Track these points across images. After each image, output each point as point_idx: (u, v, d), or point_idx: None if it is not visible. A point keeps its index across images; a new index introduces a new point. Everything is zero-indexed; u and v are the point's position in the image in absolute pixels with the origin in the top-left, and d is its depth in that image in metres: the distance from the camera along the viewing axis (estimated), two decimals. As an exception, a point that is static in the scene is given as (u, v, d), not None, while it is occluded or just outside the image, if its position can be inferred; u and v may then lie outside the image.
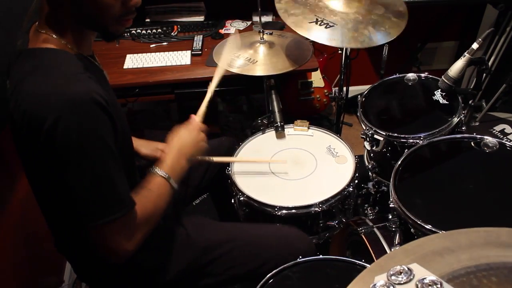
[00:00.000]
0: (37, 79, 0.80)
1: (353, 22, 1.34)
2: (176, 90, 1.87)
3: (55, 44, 0.86)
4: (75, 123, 0.78)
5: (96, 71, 0.96)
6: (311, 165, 1.42)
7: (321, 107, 2.48)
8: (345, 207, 1.38)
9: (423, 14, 2.38)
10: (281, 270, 1.05)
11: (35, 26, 0.89)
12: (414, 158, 1.22)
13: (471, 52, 1.34)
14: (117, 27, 0.90)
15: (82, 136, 0.79)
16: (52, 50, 0.86)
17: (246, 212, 1.36)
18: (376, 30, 1.33)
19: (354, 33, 1.31)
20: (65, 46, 0.87)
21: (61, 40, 0.87)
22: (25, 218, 1.47)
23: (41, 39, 0.86)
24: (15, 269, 1.38)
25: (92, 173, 0.82)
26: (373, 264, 0.45)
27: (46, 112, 0.77)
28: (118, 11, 0.87)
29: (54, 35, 0.86)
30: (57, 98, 0.77)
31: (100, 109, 0.81)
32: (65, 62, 0.85)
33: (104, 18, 0.86)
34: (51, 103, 0.77)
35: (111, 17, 0.87)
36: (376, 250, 1.23)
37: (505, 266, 0.41)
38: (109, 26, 0.89)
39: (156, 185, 1.00)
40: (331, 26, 1.31)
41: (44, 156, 0.81)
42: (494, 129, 1.90)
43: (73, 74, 0.83)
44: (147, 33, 2.09)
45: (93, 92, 0.81)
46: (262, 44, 1.56)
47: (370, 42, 1.30)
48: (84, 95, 0.79)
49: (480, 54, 2.03)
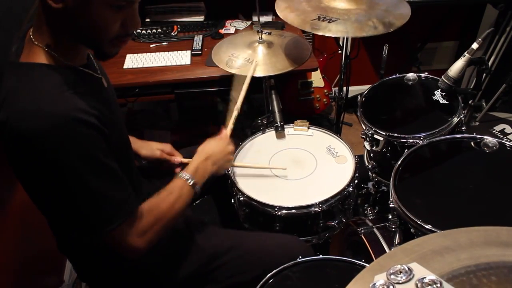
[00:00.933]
0: (22, 97, 0.80)
1: (356, 16, 1.34)
2: (176, 90, 1.87)
3: (45, 59, 0.84)
4: (59, 145, 0.78)
5: (90, 82, 0.94)
6: (311, 165, 1.42)
7: (321, 107, 2.48)
8: (345, 207, 1.38)
9: (423, 14, 2.38)
10: (281, 270, 1.05)
11: (30, 33, 0.87)
12: (414, 158, 1.22)
13: (471, 52, 1.34)
14: (112, 48, 0.89)
15: (68, 157, 0.79)
16: (40, 66, 0.84)
17: (246, 212, 1.36)
18: (380, 21, 1.33)
19: (358, 25, 1.32)
20: (57, 60, 0.85)
21: (52, 52, 0.85)
22: (25, 218, 1.47)
23: (32, 51, 0.85)
24: (15, 269, 1.38)
25: (84, 190, 0.84)
26: (372, 263, 0.45)
27: (30, 133, 0.77)
28: (115, 33, 0.85)
29: (46, 47, 0.84)
30: (40, 118, 0.77)
31: (86, 126, 0.81)
32: (52, 80, 0.83)
33: (100, 39, 0.85)
34: (35, 124, 0.77)
35: (107, 38, 0.85)
36: (376, 250, 1.23)
37: (505, 265, 0.41)
38: (104, 46, 0.87)
39: (177, 187, 1.05)
40: (334, 20, 1.32)
41: (36, 174, 0.82)
42: (494, 129, 1.90)
43: (59, 92, 0.81)
44: (147, 33, 2.10)
45: (77, 110, 0.80)
46: (261, 44, 1.56)
47: (375, 30, 1.30)
48: (67, 115, 0.78)
49: (480, 54, 2.03)
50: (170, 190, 1.03)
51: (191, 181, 1.07)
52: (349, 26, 1.31)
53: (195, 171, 1.10)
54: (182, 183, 1.06)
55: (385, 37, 1.33)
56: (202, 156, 1.15)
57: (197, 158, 1.14)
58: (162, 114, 2.69)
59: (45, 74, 0.83)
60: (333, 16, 1.34)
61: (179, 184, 1.06)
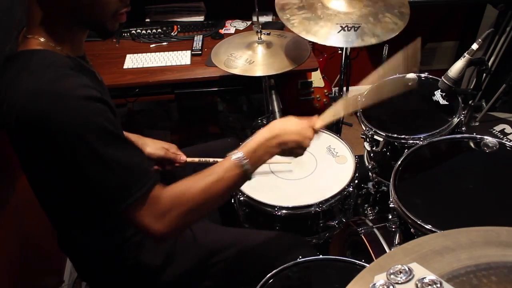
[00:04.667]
0: (25, 80, 0.79)
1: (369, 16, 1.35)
2: (176, 90, 1.87)
3: (43, 46, 0.85)
4: (67, 120, 0.76)
5: (87, 72, 0.94)
6: (311, 165, 1.42)
7: (321, 107, 2.48)
8: (345, 207, 1.38)
9: (423, 14, 2.38)
10: (281, 270, 1.05)
11: (23, 32, 0.88)
12: (414, 158, 1.22)
13: (471, 53, 1.34)
14: (114, 23, 0.89)
15: (77, 131, 0.77)
16: (40, 50, 0.84)
17: (246, 212, 1.36)
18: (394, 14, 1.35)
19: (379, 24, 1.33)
20: (54, 48, 0.86)
21: (49, 43, 0.85)
22: (25, 218, 1.47)
23: (29, 43, 0.85)
24: (15, 269, 1.38)
25: (98, 162, 0.79)
26: (372, 263, 0.45)
27: (37, 112, 0.76)
28: (115, 6, 0.86)
29: (42, 38, 0.85)
30: (47, 95, 0.76)
31: (92, 100, 0.79)
32: (53, 60, 0.83)
33: (103, 15, 0.85)
34: (41, 104, 0.76)
35: (109, 13, 0.86)
36: (376, 250, 1.24)
37: (505, 265, 0.41)
38: (107, 22, 0.87)
39: (221, 167, 0.89)
40: (358, 27, 1.32)
41: (46, 156, 0.81)
42: (494, 129, 1.90)
43: (62, 71, 0.81)
44: (147, 33, 2.09)
45: (81, 86, 0.79)
46: (260, 44, 1.56)
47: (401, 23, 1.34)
48: (71, 92, 0.77)
49: (480, 55, 2.03)
50: (211, 171, 0.89)
51: (243, 162, 0.89)
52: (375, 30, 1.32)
53: (252, 151, 0.91)
54: (230, 164, 0.89)
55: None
56: (269, 132, 0.94)
57: (260, 135, 0.94)
58: (162, 114, 2.69)
59: (44, 57, 0.83)
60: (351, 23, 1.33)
61: (225, 164, 0.89)
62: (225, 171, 0.89)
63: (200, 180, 0.88)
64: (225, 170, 0.89)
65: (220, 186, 0.88)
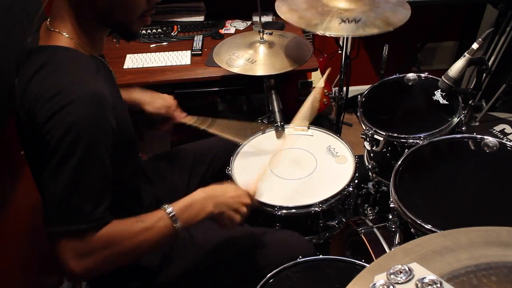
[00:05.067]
0: (45, 76, 0.79)
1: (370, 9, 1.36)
2: (176, 90, 1.87)
3: (67, 43, 0.85)
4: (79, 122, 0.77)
5: (106, 72, 0.95)
6: (311, 165, 1.42)
7: (321, 107, 2.48)
8: (345, 207, 1.38)
9: (423, 14, 2.38)
10: (281, 270, 1.05)
11: (46, 24, 0.87)
12: (414, 158, 1.22)
13: (471, 52, 1.34)
14: (139, 26, 0.90)
15: (77, 135, 0.77)
16: (63, 48, 0.84)
17: (246, 212, 1.36)
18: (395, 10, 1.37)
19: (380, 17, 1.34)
20: (78, 46, 0.86)
21: (74, 40, 0.85)
22: (25, 218, 1.47)
23: (52, 37, 0.85)
24: (15, 269, 1.38)
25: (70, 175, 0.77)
26: (373, 263, 0.45)
27: (48, 109, 0.76)
28: (143, 9, 0.86)
29: (66, 34, 0.85)
30: (61, 96, 0.76)
31: (104, 109, 0.80)
32: (75, 61, 0.83)
33: (130, 17, 0.86)
34: (55, 101, 0.76)
35: (136, 16, 0.86)
36: (376, 250, 1.23)
37: (505, 265, 0.41)
38: (133, 25, 0.88)
39: (153, 217, 0.88)
40: (359, 19, 1.33)
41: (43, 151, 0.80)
42: (494, 129, 1.90)
43: (82, 73, 0.82)
44: (147, 33, 2.09)
45: (100, 92, 0.79)
46: (262, 44, 1.56)
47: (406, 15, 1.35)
48: (89, 95, 0.78)
49: (480, 54, 2.03)
50: (143, 218, 0.87)
51: (173, 215, 0.88)
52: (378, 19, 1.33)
53: (186, 207, 0.92)
54: (161, 215, 0.88)
55: (385, 37, 1.33)
56: (204, 192, 0.96)
57: (196, 194, 0.96)
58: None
59: (69, 56, 0.83)
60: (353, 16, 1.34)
61: (157, 214, 0.89)
62: (156, 221, 0.88)
63: (132, 225, 0.86)
64: (156, 219, 0.88)
65: (149, 235, 0.86)
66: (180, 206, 0.91)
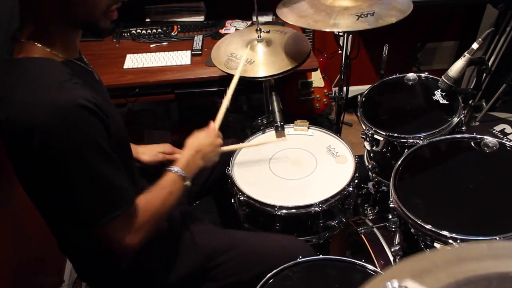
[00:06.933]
0: (22, 91, 0.80)
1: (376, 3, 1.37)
2: (176, 90, 1.87)
3: (39, 53, 0.85)
4: (64, 133, 0.78)
5: (85, 74, 0.94)
6: (311, 165, 1.42)
7: (321, 107, 2.48)
8: (345, 207, 1.38)
9: (423, 14, 2.38)
10: (281, 270, 1.05)
11: (17, 35, 0.87)
12: (414, 158, 1.22)
13: (471, 52, 1.34)
14: (106, 22, 0.89)
15: (73, 144, 0.79)
16: (36, 59, 0.84)
17: (246, 212, 1.36)
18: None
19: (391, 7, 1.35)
20: (50, 54, 0.86)
21: (45, 48, 0.85)
22: (25, 218, 1.47)
23: (24, 49, 0.85)
24: (15, 269, 1.38)
25: (88, 178, 0.83)
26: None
27: (33, 125, 0.77)
28: (106, 3, 0.86)
29: (37, 43, 0.85)
30: (43, 109, 0.77)
31: (89, 113, 0.81)
32: (50, 71, 0.83)
33: (94, 14, 0.85)
34: (37, 115, 0.77)
35: (101, 11, 0.86)
36: (376, 250, 1.24)
37: (483, 277, 0.42)
38: (99, 21, 0.87)
39: (169, 181, 1.03)
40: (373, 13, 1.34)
41: (38, 167, 0.82)
42: (494, 129, 1.90)
43: (58, 82, 0.81)
44: (147, 33, 2.09)
45: (79, 98, 0.80)
46: (260, 42, 1.55)
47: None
48: (70, 103, 0.78)
49: (480, 54, 2.03)
50: (163, 185, 1.02)
51: (182, 175, 1.05)
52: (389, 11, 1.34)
53: (186, 165, 1.09)
54: (174, 177, 1.05)
55: (385, 37, 1.33)
56: (192, 149, 1.14)
57: (187, 152, 1.13)
58: (162, 114, 2.69)
59: (41, 67, 0.83)
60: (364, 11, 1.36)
61: (171, 178, 1.04)
62: (173, 184, 1.04)
63: (160, 193, 1.00)
64: (172, 183, 1.04)
65: (173, 196, 1.03)
66: (183, 166, 1.08)
